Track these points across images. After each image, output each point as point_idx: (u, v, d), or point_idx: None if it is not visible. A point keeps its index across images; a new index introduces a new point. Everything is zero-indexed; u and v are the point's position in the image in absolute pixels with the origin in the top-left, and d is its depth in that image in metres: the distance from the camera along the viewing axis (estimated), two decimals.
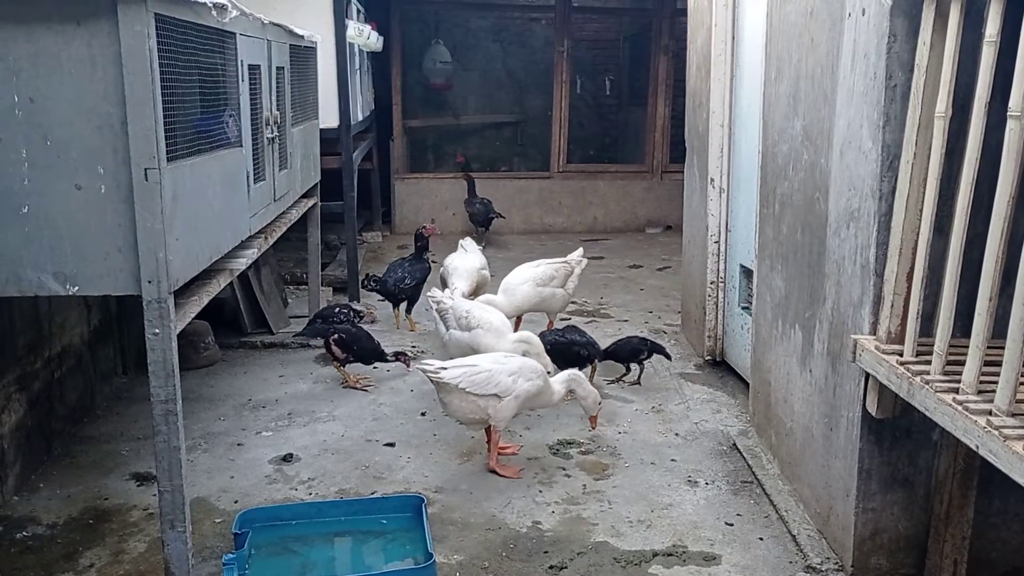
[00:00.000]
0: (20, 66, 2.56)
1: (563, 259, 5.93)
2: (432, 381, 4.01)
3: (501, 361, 4.12)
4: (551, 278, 5.73)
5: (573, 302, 7.07)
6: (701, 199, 5.64)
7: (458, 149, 11.90)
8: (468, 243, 6.52)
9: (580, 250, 6.11)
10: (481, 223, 9.73)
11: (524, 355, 4.41)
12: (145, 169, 2.62)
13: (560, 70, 10.34)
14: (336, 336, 5.11)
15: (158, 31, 2.62)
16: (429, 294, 5.29)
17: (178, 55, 2.83)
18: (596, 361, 5.12)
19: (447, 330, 4.98)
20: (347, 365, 5.20)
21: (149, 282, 2.71)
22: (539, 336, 4.87)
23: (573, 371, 4.37)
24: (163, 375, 2.81)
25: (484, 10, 11.61)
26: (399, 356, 5.22)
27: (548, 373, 4.42)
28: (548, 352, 4.69)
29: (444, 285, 6.24)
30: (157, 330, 2.76)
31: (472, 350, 4.66)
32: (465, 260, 6.13)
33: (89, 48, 2.56)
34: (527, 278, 5.69)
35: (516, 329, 5.92)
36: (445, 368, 3.98)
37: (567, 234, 10.26)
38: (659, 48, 10.36)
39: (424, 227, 6.33)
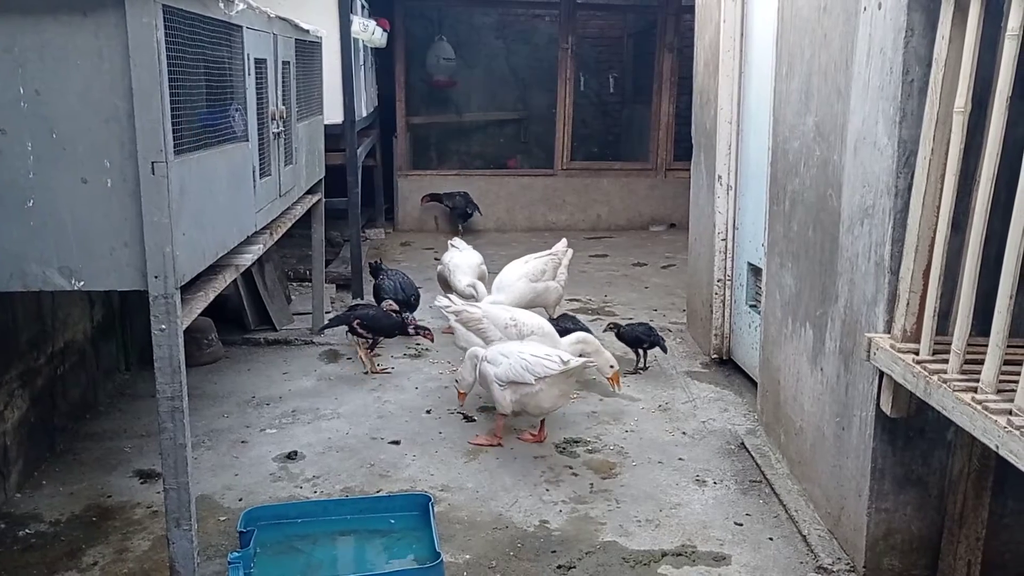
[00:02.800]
0: (26, 58, 2.52)
1: (549, 252, 5.93)
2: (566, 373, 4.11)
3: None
4: (543, 272, 5.75)
5: (577, 299, 7.05)
6: (708, 196, 5.60)
7: (461, 146, 11.92)
8: (458, 242, 6.54)
9: (564, 240, 6.11)
10: (460, 216, 9.93)
11: (582, 355, 4.44)
12: (152, 163, 2.58)
13: (564, 67, 10.30)
14: (358, 320, 5.33)
15: (165, 23, 2.58)
16: (439, 303, 5.02)
17: (185, 48, 2.79)
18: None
19: (488, 341, 4.63)
20: (373, 349, 5.40)
21: (156, 277, 2.67)
22: None
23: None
24: (169, 371, 2.77)
25: (488, 6, 11.57)
26: (420, 330, 5.32)
27: (612, 367, 4.58)
28: None
29: (444, 283, 6.21)
30: (163, 326, 2.72)
31: None
32: (465, 257, 6.14)
33: (96, 40, 2.52)
34: (520, 274, 5.70)
35: None
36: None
37: (571, 231, 10.19)
38: (664, 45, 10.32)
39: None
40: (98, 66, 2.54)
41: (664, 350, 5.46)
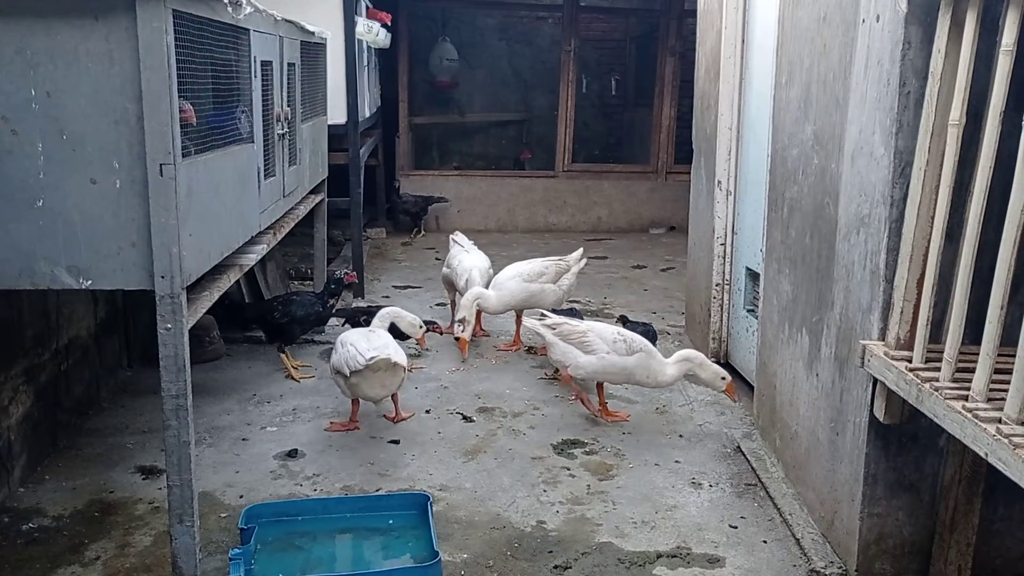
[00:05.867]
0: (38, 60, 2.57)
1: (560, 257, 5.95)
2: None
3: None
4: (540, 274, 5.73)
5: (576, 301, 7.08)
6: (708, 201, 5.65)
7: (463, 147, 11.97)
8: (461, 238, 6.45)
9: (580, 250, 6.12)
10: (414, 216, 10.04)
11: (688, 372, 4.53)
12: (160, 164, 2.62)
13: (566, 69, 10.35)
14: (366, 317, 5.42)
15: (175, 27, 2.62)
16: (529, 323, 5.00)
17: (194, 51, 2.84)
18: None
19: (588, 355, 4.61)
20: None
21: (162, 277, 2.71)
22: None
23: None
24: (174, 370, 2.82)
25: (491, 8, 11.63)
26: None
27: (724, 379, 4.47)
28: None
29: (450, 286, 6.22)
30: (169, 325, 2.76)
31: (629, 373, 4.57)
32: (477, 260, 6.09)
33: (107, 43, 2.56)
34: (514, 273, 5.71)
35: (518, 325, 5.94)
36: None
37: (571, 233, 10.27)
38: (666, 49, 10.37)
39: (345, 274, 5.67)
40: (108, 69, 2.58)
41: None
